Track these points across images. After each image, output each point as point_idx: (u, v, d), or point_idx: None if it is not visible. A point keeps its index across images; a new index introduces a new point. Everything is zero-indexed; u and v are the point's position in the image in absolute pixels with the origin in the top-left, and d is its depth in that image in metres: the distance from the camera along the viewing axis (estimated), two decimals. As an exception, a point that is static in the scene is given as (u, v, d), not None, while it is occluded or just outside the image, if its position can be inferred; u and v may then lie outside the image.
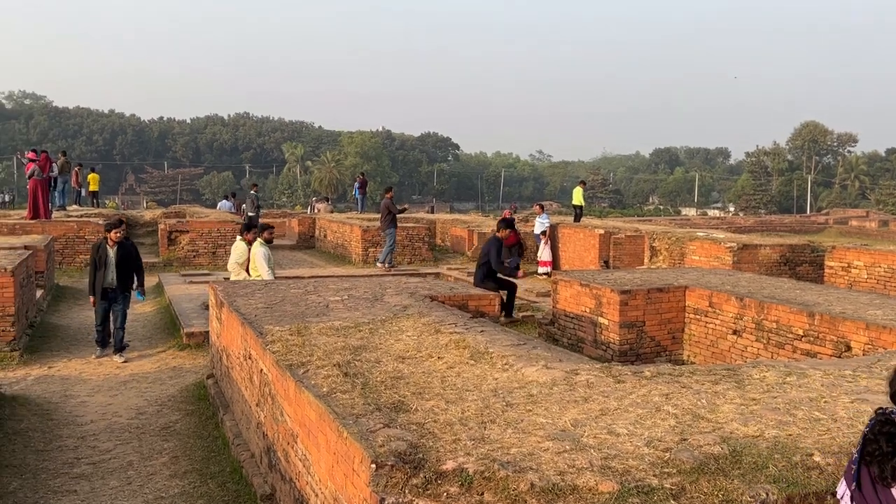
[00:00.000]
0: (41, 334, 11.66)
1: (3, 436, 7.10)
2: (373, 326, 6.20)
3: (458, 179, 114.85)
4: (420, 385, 4.40)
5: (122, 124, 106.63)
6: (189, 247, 20.28)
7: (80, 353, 10.76)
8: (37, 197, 19.42)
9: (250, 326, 6.25)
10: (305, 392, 4.32)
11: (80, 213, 23.47)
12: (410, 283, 9.04)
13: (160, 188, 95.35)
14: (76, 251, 19.02)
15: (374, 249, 21.51)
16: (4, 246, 12.96)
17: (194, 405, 8.21)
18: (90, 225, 19.37)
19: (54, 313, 13.57)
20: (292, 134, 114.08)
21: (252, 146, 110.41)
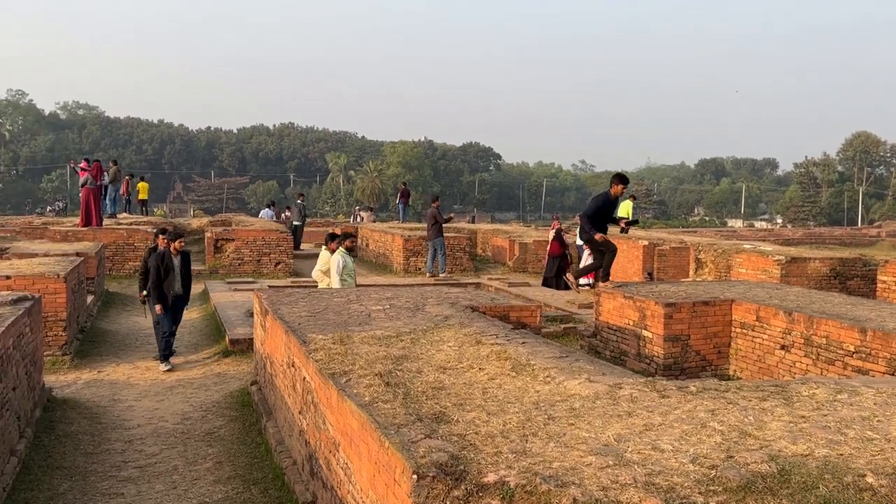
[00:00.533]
0: (91, 339, 11.96)
1: (55, 438, 7.30)
2: (414, 336, 6.21)
3: (499, 189, 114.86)
4: (461, 396, 4.39)
5: (171, 134, 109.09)
6: (234, 255, 20.61)
7: (128, 358, 11.01)
8: (89, 205, 19.96)
9: (294, 334, 6.33)
10: (348, 401, 4.35)
11: (130, 221, 24.03)
12: (451, 294, 9.03)
13: (207, 197, 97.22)
14: (125, 258, 19.50)
15: (416, 259, 21.60)
16: (57, 252, 13.35)
17: (238, 411, 8.33)
18: (139, 233, 19.83)
19: (104, 319, 13.91)
20: (336, 144, 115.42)
21: (296, 156, 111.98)
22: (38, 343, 8.16)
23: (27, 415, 7.20)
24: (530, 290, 16.34)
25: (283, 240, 21.24)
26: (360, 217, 34.98)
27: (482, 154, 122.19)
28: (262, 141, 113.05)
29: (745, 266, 15.65)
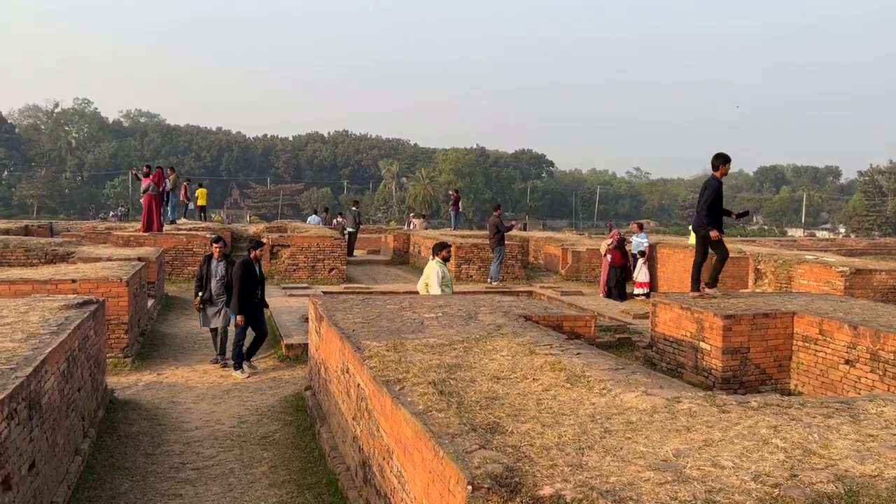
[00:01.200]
0: (151, 342, 12.28)
1: (117, 438, 7.51)
2: (467, 345, 6.21)
3: (551, 197, 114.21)
4: (515, 407, 4.37)
5: (229, 141, 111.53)
6: (290, 260, 20.94)
7: (186, 361, 11.27)
8: (151, 211, 20.53)
9: (348, 341, 6.39)
10: (402, 409, 4.37)
11: (189, 227, 24.63)
12: (504, 302, 9.01)
13: (263, 203, 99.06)
14: (184, 263, 19.98)
15: (468, 266, 21.61)
16: (120, 257, 13.74)
17: (293, 416, 8.44)
18: (198, 238, 20.31)
19: (163, 322, 14.27)
20: (389, 151, 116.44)
21: (350, 163, 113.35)
22: (102, 345, 8.41)
23: (91, 415, 7.42)
24: (584, 300, 16.18)
25: (336, 246, 21.50)
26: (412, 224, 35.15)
27: (535, 161, 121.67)
28: (316, 148, 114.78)
29: (806, 277, 15.21)
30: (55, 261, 14.68)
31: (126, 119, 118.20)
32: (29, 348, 5.55)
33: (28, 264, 14.44)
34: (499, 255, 19.17)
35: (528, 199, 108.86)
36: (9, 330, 6.24)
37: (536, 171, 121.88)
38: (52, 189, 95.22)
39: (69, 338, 6.27)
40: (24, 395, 4.80)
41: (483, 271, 21.57)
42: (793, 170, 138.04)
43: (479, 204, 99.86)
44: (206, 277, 10.95)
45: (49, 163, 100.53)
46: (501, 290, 16.98)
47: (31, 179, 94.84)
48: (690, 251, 19.19)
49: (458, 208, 32.42)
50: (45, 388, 5.38)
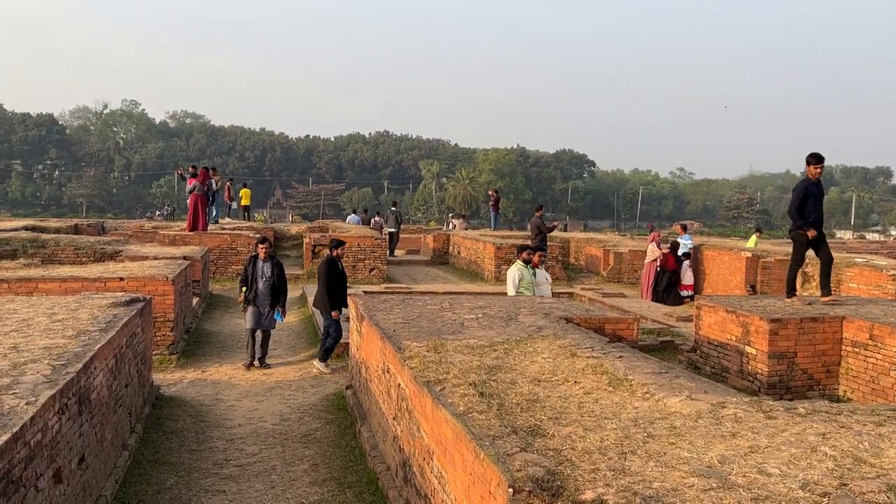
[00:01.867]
0: (196, 339, 12.50)
1: (162, 434, 7.67)
2: (507, 346, 6.20)
3: (593, 197, 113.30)
4: (556, 410, 4.35)
5: (272, 142, 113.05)
6: (330, 260, 21.15)
7: (230, 358, 11.45)
8: (196, 210, 20.89)
9: (389, 341, 6.43)
10: (442, 410, 4.38)
11: (233, 227, 25.02)
12: (545, 304, 8.97)
13: (305, 203, 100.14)
14: (229, 262, 20.30)
15: (507, 267, 21.50)
16: (166, 256, 14.02)
17: (334, 414, 8.53)
18: (242, 238, 20.62)
19: (208, 320, 14.52)
20: (429, 151, 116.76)
21: (391, 163, 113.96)
22: (148, 342, 8.60)
23: (137, 411, 7.59)
24: (626, 302, 16.02)
25: (377, 246, 21.62)
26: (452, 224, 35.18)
27: (576, 161, 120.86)
28: (357, 149, 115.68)
29: (856, 281, 14.84)
30: (104, 259, 15.04)
31: (172, 120, 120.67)
32: (79, 345, 5.70)
33: (78, 262, 14.81)
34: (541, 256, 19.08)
35: (568, 200, 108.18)
36: (60, 326, 6.41)
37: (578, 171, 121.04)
38: (101, 188, 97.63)
39: (117, 335, 6.42)
40: (75, 390, 4.93)
41: (523, 272, 21.45)
42: (842, 170, 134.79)
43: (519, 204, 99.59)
44: (252, 278, 10.99)
45: (98, 163, 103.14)
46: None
47: (80, 179, 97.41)
48: (736, 253, 18.86)
49: (498, 209, 32.33)
50: (94, 383, 5.52)
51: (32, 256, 14.78)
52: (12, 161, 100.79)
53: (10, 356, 5.24)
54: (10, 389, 4.39)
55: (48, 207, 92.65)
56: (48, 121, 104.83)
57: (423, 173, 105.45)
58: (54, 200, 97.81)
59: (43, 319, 6.76)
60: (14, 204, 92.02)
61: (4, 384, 4.50)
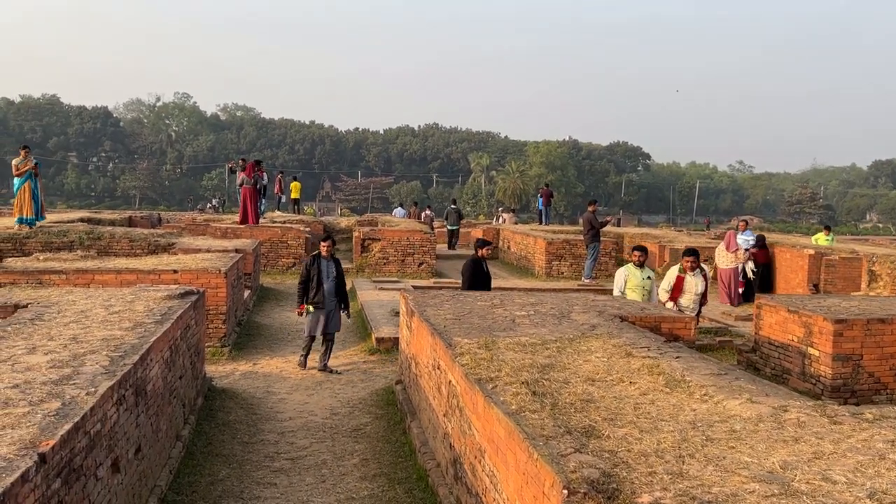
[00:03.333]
0: (247, 332, 12.76)
1: (215, 426, 7.86)
2: (560, 345, 6.18)
3: (647, 191, 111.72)
4: (611, 410, 4.33)
5: (322, 135, 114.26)
6: (380, 254, 21.32)
7: (280, 351, 11.66)
8: (246, 204, 21.29)
9: (440, 337, 6.47)
10: (494, 408, 4.40)
11: (283, 220, 25.41)
12: (598, 301, 8.91)
13: (353, 196, 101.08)
14: (279, 255, 20.65)
15: (559, 263, 21.46)
16: (218, 249, 14.33)
17: (383, 409, 8.62)
18: (292, 231, 20.93)
19: (259, 313, 14.80)
20: (479, 144, 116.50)
21: (440, 156, 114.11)
22: (201, 335, 8.81)
23: (190, 402, 7.80)
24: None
25: (426, 241, 21.73)
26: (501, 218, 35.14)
27: (630, 154, 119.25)
28: (406, 141, 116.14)
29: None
30: (157, 251, 15.45)
31: (223, 112, 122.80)
32: (135, 336, 5.88)
33: (132, 254, 15.25)
34: (593, 251, 18.88)
35: (622, 194, 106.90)
36: (116, 318, 6.62)
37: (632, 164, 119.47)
38: (154, 181, 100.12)
39: (172, 327, 6.60)
40: (132, 381, 5.09)
41: (575, 268, 21.36)
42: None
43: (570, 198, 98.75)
44: (318, 279, 10.40)
45: (150, 155, 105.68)
46: (595, 289, 16.76)
47: (133, 171, 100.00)
48: (798, 250, 18.40)
49: (549, 203, 32.14)
50: (150, 375, 5.69)
51: (89, 248, 15.26)
52: (68, 153, 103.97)
53: (71, 347, 5.44)
54: (71, 380, 4.57)
55: (102, 199, 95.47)
56: (103, 113, 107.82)
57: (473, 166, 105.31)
58: (108, 192, 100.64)
59: (100, 311, 6.99)
60: (69, 195, 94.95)
61: (66, 375, 4.67)
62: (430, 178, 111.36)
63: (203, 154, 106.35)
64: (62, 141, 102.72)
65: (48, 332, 5.97)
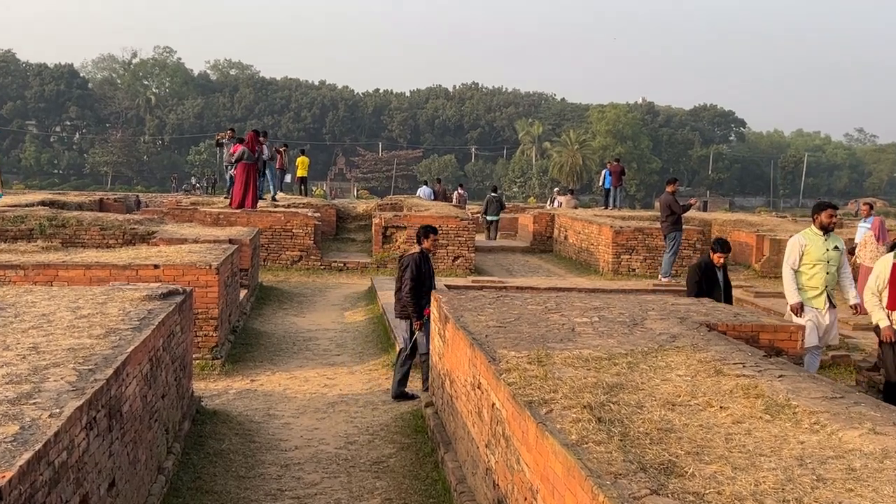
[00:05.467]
0: (244, 341, 12.93)
1: (205, 456, 7.97)
2: (632, 359, 6.16)
3: (741, 166, 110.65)
4: (697, 442, 4.30)
5: (334, 98, 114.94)
6: (406, 246, 21.36)
7: (284, 365, 11.79)
8: (247, 183, 21.44)
9: (480, 349, 6.47)
10: (549, 438, 4.39)
11: (288, 203, 25.62)
12: (679, 305, 8.86)
13: (373, 173, 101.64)
14: (282, 246, 20.84)
15: (629, 257, 21.36)
16: (208, 238, 14.52)
17: (410, 438, 8.67)
18: (298, 217, 21.13)
19: (257, 317, 14.98)
20: (528, 109, 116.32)
21: (479, 123, 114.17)
22: (188, 344, 8.94)
23: (175, 427, 7.92)
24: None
25: (462, 229, 21.79)
26: (557, 202, 35.04)
27: (719, 120, 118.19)
28: (438, 106, 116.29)
29: None
30: (134, 241, 15.73)
31: (213, 71, 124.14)
32: (108, 346, 5.98)
33: (104, 245, 15.54)
34: (673, 243, 18.72)
35: (709, 170, 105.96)
36: (86, 323, 6.74)
37: (722, 132, 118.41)
38: (129, 155, 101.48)
39: (153, 335, 6.70)
40: (104, 401, 5.18)
41: (649, 263, 21.26)
42: None
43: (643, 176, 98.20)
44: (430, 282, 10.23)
45: (125, 124, 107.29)
46: (675, 289, 16.63)
47: (104, 144, 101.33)
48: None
49: (620, 182, 31.95)
50: (126, 393, 5.78)
51: (51, 238, 15.59)
52: (26, 122, 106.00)
53: (31, 358, 5.55)
54: (31, 398, 4.65)
55: (67, 178, 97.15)
56: (67, 73, 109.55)
57: (521, 136, 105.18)
58: (74, 169, 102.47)
59: (66, 314, 7.12)
60: (27, 173, 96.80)
61: (24, 392, 4.77)
62: (468, 150, 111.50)
63: (189, 122, 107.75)
64: (18, 107, 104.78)
65: (3, 341, 6.10)
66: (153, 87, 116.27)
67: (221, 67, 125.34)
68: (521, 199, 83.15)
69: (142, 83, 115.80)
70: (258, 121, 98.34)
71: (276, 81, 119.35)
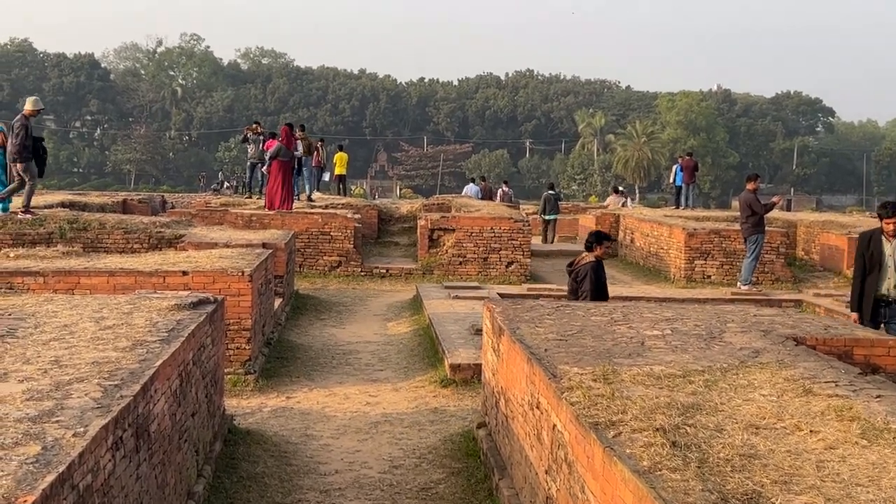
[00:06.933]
0: (278, 354, 13.04)
1: (237, 480, 8.05)
2: (710, 377, 6.11)
3: (830, 161, 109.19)
4: (784, 470, 4.26)
5: (375, 88, 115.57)
6: (454, 250, 21.44)
7: (322, 381, 11.86)
8: (283, 182, 21.62)
9: (539, 365, 6.46)
10: (618, 464, 4.37)
11: (325, 203, 25.78)
12: (762, 316, 8.76)
13: (417, 170, 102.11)
14: (320, 251, 20.97)
15: (703, 262, 21.16)
16: (240, 242, 14.67)
17: (461, 462, 8.67)
18: (337, 219, 21.27)
19: (293, 328, 15.10)
20: (589, 98, 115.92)
21: (535, 115, 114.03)
22: (220, 358, 9.04)
23: (206, 448, 8.01)
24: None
25: (517, 231, 21.75)
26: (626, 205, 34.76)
27: (805, 109, 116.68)
28: (489, 96, 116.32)
29: None
30: (160, 246, 15.93)
31: (245, 60, 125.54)
32: (135, 359, 6.07)
33: (128, 250, 15.77)
34: (754, 246, 18.51)
35: (794, 165, 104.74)
36: (110, 335, 6.85)
37: (808, 123, 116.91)
38: (154, 152, 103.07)
39: (182, 347, 6.79)
40: (131, 419, 5.26)
41: (727, 269, 21.05)
42: None
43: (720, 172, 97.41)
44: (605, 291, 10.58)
45: (150, 118, 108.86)
46: (756, 298, 16.50)
47: (128, 140, 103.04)
48: None
49: (692, 178, 31.66)
50: (154, 411, 5.87)
51: (72, 242, 15.84)
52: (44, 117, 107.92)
53: (52, 373, 5.66)
54: (54, 416, 4.74)
55: (87, 177, 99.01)
56: (88, 63, 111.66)
57: (581, 128, 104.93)
58: (95, 168, 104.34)
59: (89, 325, 7.24)
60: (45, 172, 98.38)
61: (46, 409, 4.85)
62: (522, 144, 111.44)
63: (218, 116, 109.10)
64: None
65: (23, 354, 6.22)
66: (179, 78, 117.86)
67: (253, 56, 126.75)
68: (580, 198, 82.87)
69: (167, 74, 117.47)
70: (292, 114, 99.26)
71: (312, 71, 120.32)
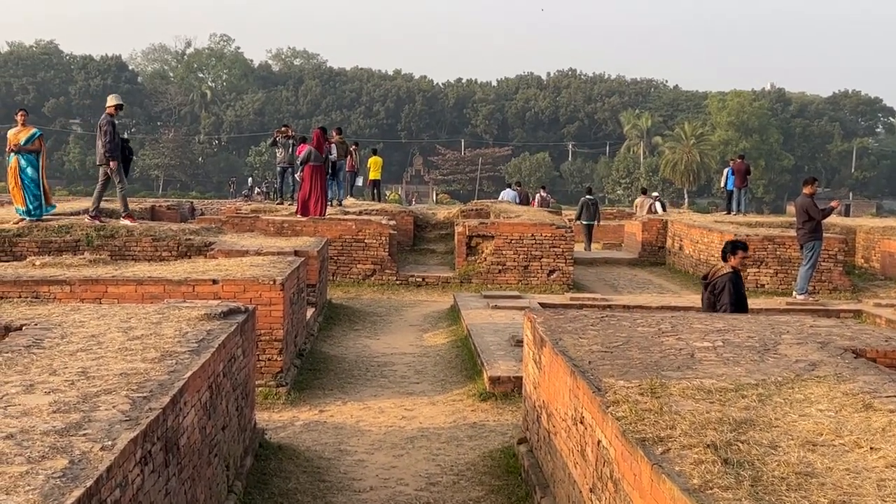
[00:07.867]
0: (311, 366, 13.11)
1: (269, 497, 8.10)
2: (763, 391, 6.07)
3: (891, 163, 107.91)
4: (843, 489, 4.22)
5: (410, 89, 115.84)
6: (493, 258, 21.44)
7: (356, 394, 11.91)
8: (315, 188, 21.74)
9: (583, 378, 6.45)
10: (667, 482, 4.36)
11: (359, 209, 25.90)
12: (819, 327, 8.69)
13: (454, 175, 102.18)
14: (354, 259, 21.05)
15: (756, 270, 21.02)
16: (271, 250, 14.76)
17: (501, 479, 8.66)
18: (372, 225, 21.35)
19: (326, 339, 15.18)
20: (635, 98, 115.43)
21: (578, 116, 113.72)
22: (251, 370, 9.10)
23: (236, 463, 8.06)
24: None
25: (560, 237, 21.71)
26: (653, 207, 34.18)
27: (864, 109, 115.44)
28: (530, 96, 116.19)
29: None
30: (190, 254, 16.09)
31: (276, 61, 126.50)
32: (163, 371, 6.13)
33: (157, 258, 15.94)
34: (811, 254, 18.33)
35: (852, 168, 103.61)
36: (139, 345, 6.93)
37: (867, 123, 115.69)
38: (182, 157, 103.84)
39: (213, 358, 6.84)
40: (161, 433, 5.31)
41: (782, 278, 20.89)
42: None
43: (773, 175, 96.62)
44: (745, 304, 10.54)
45: (178, 122, 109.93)
46: (812, 309, 16.33)
47: (155, 144, 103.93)
48: None
49: (744, 182, 31.43)
50: (183, 424, 5.92)
51: (99, 249, 16.04)
52: (70, 121, 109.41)
53: (80, 384, 5.73)
54: (81, 429, 4.80)
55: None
56: (115, 65, 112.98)
57: (626, 130, 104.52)
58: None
59: (117, 335, 7.33)
60: (72, 178, 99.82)
61: (73, 422, 4.92)
62: (564, 147, 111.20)
63: (249, 119, 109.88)
64: (61, 104, 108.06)
65: (49, 364, 6.30)
66: (209, 81, 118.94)
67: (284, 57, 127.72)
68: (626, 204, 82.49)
69: (196, 76, 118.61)
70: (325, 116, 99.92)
71: (346, 72, 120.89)
